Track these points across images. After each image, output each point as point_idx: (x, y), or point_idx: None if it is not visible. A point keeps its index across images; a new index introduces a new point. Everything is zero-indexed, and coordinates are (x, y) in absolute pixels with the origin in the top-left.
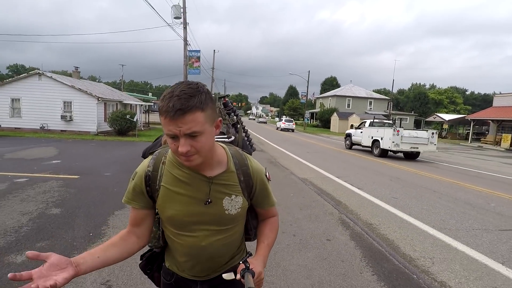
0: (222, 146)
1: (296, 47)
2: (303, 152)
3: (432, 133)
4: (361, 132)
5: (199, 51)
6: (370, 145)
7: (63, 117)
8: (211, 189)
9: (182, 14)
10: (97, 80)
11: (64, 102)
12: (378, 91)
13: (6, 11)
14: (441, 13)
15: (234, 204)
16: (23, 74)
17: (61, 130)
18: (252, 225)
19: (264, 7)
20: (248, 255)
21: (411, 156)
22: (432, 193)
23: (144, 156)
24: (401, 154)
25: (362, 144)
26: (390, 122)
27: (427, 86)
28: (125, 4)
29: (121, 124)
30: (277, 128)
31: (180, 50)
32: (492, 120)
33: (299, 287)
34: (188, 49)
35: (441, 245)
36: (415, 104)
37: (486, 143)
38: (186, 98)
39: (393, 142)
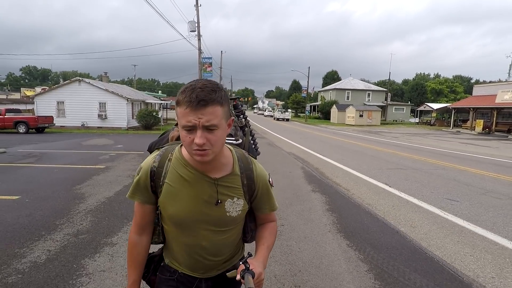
0: (229, 148)
1: (305, 39)
2: (296, 138)
3: (288, 112)
4: (275, 113)
5: (211, 58)
6: (269, 116)
7: (99, 115)
8: (218, 191)
9: (196, 28)
10: (101, 78)
11: (100, 103)
12: (383, 82)
13: (20, 14)
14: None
15: (236, 206)
16: (67, 81)
17: (98, 127)
18: (249, 227)
19: (273, 2)
20: (248, 255)
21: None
22: (369, 157)
23: (150, 150)
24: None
25: (275, 117)
26: (285, 109)
27: (432, 76)
28: (136, 4)
29: (147, 120)
30: (274, 118)
31: (189, 48)
32: (470, 108)
33: None
34: (202, 56)
35: (354, 177)
36: (413, 94)
37: (465, 128)
38: (209, 91)
39: (278, 115)
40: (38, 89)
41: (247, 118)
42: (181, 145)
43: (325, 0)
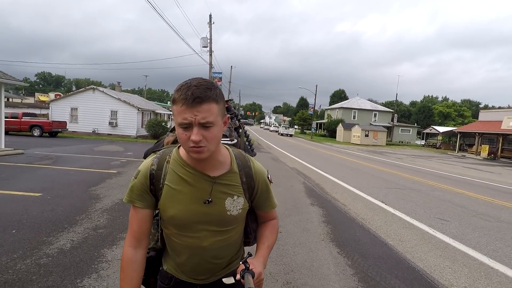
0: (226, 147)
1: (314, 57)
2: (300, 154)
3: (292, 128)
4: (280, 128)
5: (221, 73)
6: (275, 131)
7: (110, 123)
8: (213, 188)
9: (208, 43)
10: (114, 87)
11: (111, 111)
12: (390, 102)
13: (40, 23)
14: (464, 25)
15: (236, 205)
16: (81, 89)
17: (108, 134)
18: (251, 228)
19: (284, 20)
20: (248, 255)
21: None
22: (369, 176)
23: (146, 157)
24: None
25: (279, 132)
26: (289, 125)
27: (440, 99)
28: (150, 17)
29: (156, 130)
30: (278, 133)
31: (200, 62)
32: (476, 133)
33: None
34: (212, 71)
35: (353, 193)
36: (420, 116)
37: (471, 153)
38: (204, 89)
39: (283, 130)
40: (52, 95)
41: (241, 120)
42: (179, 147)
43: (335, 20)
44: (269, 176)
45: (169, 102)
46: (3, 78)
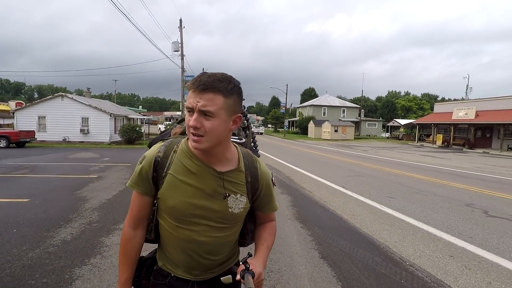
0: (235, 145)
1: (285, 57)
2: (273, 151)
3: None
4: (254, 128)
5: (193, 76)
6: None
7: (81, 130)
8: (224, 185)
9: (180, 47)
10: (83, 94)
11: (82, 118)
12: (358, 98)
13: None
14: (422, 24)
15: (238, 203)
16: (49, 96)
17: (80, 141)
18: (248, 228)
19: (255, 20)
20: (248, 255)
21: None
22: (335, 167)
23: (150, 146)
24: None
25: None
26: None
27: (402, 93)
28: (117, 19)
29: (130, 135)
30: None
31: (171, 65)
32: (432, 124)
33: None
34: (185, 74)
35: (318, 182)
36: (384, 110)
37: (428, 142)
38: (215, 79)
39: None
40: (12, 103)
41: (249, 121)
42: (188, 138)
43: (304, 21)
44: (273, 179)
45: (140, 107)
46: None
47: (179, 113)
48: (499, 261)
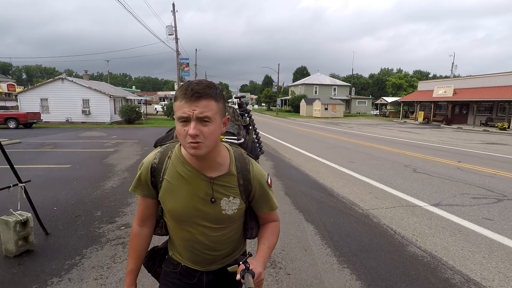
0: (226, 148)
1: (279, 34)
2: (264, 128)
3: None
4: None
5: (187, 58)
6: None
7: (83, 111)
8: (213, 189)
9: (174, 31)
10: (73, 74)
11: (83, 100)
12: (350, 76)
13: None
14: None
15: (231, 205)
16: (50, 79)
17: (82, 122)
18: (249, 225)
19: None
20: (248, 255)
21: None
22: (317, 141)
23: (156, 146)
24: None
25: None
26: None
27: (395, 71)
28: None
29: (130, 115)
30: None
31: (165, 48)
32: (415, 101)
33: None
34: (180, 57)
35: (298, 152)
36: (374, 88)
37: (411, 119)
38: (204, 86)
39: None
40: (4, 85)
41: (252, 117)
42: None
43: None
44: (268, 180)
45: (134, 87)
46: None
47: (173, 92)
48: (399, 194)
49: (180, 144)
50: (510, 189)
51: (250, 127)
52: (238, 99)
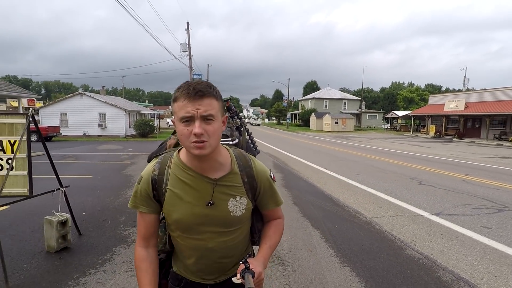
0: (226, 148)
1: (289, 49)
2: (274, 142)
3: (260, 119)
4: (250, 119)
5: (200, 74)
6: (247, 123)
7: (100, 125)
8: (214, 190)
9: (188, 48)
10: (89, 89)
11: (100, 114)
12: (360, 90)
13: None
14: (430, 13)
15: (239, 205)
16: (69, 94)
17: (98, 135)
18: (256, 228)
19: (259, 12)
20: (248, 255)
21: (256, 125)
22: (325, 154)
23: (149, 161)
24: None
25: (249, 123)
26: (257, 117)
27: (406, 84)
28: (123, 15)
29: (143, 129)
30: (249, 124)
31: (178, 64)
32: (426, 115)
33: None
34: (193, 73)
35: (306, 165)
36: (385, 102)
37: (423, 133)
38: (204, 85)
39: (252, 121)
40: (25, 100)
41: (242, 118)
42: (179, 150)
43: (309, 12)
44: (271, 174)
45: (147, 101)
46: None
47: None
48: (402, 204)
49: (179, 151)
50: None
51: (242, 129)
52: (226, 102)
